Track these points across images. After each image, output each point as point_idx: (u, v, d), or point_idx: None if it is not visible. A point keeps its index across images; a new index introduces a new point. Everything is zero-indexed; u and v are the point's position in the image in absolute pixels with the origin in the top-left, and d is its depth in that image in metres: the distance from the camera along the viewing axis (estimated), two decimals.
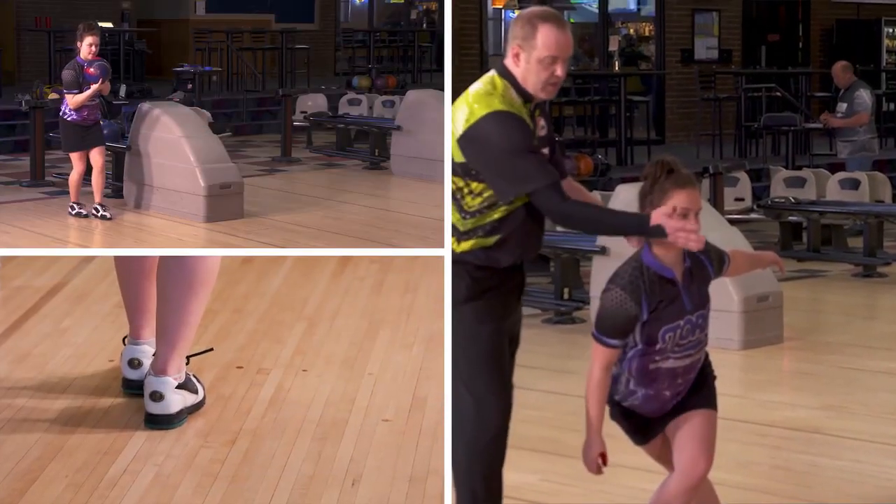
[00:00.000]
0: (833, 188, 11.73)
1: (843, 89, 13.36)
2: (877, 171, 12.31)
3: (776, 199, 11.38)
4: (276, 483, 4.79)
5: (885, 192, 11.81)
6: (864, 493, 5.35)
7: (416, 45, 22.32)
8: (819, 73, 18.78)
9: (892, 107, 19.10)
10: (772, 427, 6.32)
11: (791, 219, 11.32)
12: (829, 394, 6.96)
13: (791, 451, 5.99)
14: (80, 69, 9.52)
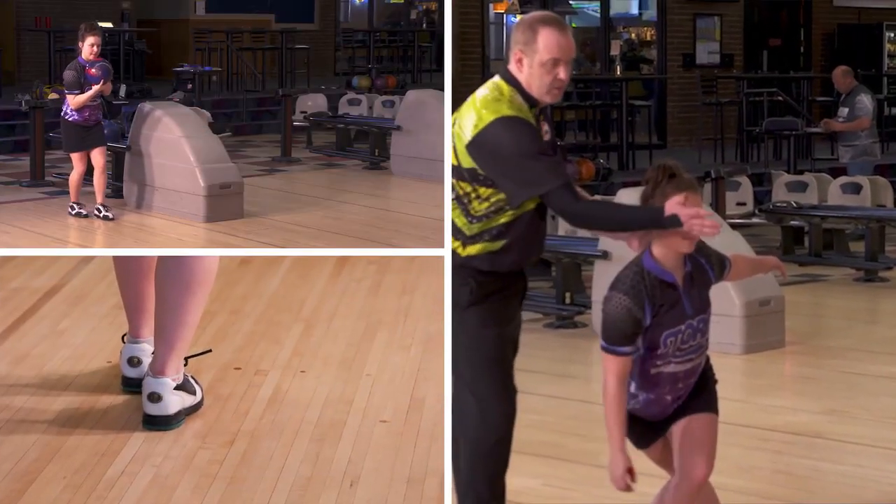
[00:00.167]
0: (835, 192, 11.71)
1: (845, 94, 13.35)
2: (878, 176, 12.28)
3: (778, 204, 11.37)
4: (274, 484, 4.77)
5: (887, 197, 11.80)
6: (866, 498, 5.35)
7: (416, 45, 22.30)
8: (821, 77, 18.75)
9: (894, 111, 19.08)
10: (773, 431, 6.31)
11: (793, 223, 11.32)
12: (831, 398, 6.94)
13: (793, 456, 5.98)
14: (82, 70, 9.50)
